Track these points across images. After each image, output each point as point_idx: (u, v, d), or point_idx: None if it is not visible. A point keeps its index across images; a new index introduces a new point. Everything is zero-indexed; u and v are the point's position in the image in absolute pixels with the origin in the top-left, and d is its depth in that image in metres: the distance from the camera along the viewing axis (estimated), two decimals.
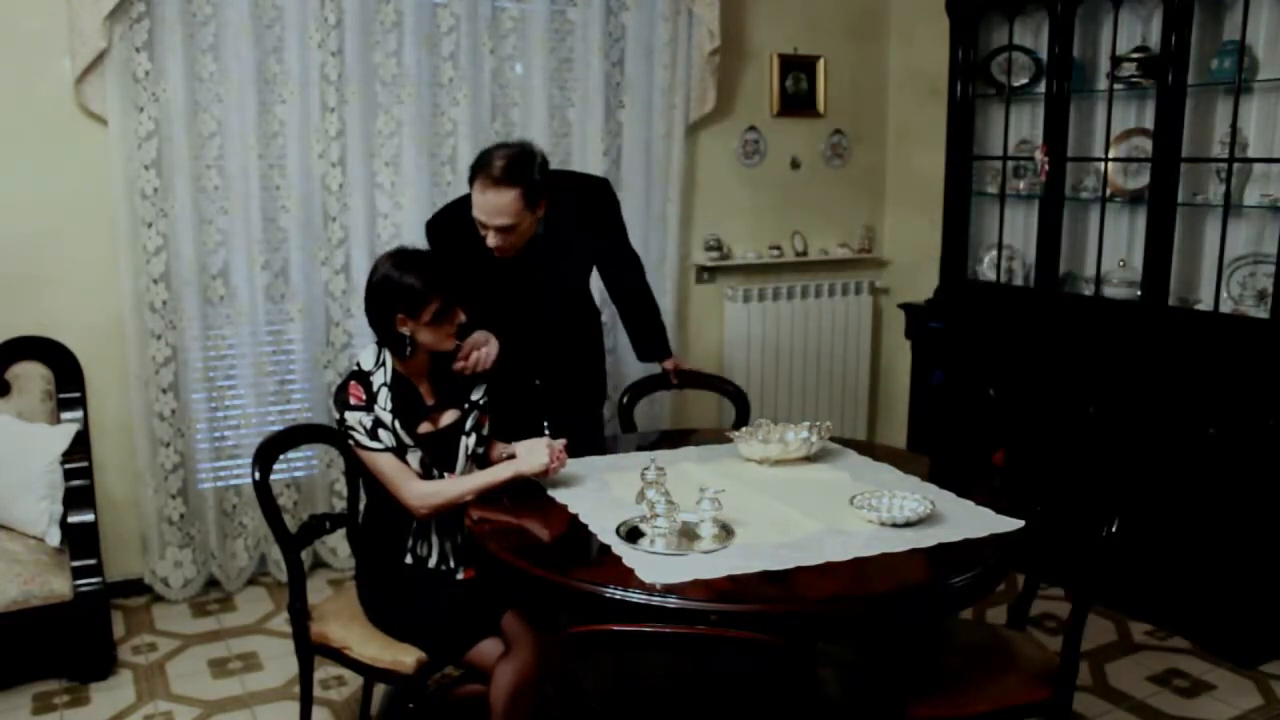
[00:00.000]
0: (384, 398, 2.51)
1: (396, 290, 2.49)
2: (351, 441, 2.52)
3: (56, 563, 3.23)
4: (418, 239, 3.91)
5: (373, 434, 2.49)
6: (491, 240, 2.84)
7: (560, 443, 2.61)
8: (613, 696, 2.61)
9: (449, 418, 2.63)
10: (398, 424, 2.51)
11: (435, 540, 2.60)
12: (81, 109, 3.53)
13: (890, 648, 2.48)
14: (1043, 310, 3.99)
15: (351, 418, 2.49)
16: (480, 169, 2.79)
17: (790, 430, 2.82)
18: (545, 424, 3.19)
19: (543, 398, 3.23)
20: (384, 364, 2.55)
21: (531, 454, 2.56)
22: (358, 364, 2.58)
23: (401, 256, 2.55)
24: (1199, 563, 3.49)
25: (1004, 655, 2.48)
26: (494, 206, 2.78)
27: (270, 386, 3.91)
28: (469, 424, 2.66)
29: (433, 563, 2.60)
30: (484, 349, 2.73)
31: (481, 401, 2.70)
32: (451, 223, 3.06)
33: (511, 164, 2.77)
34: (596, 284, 3.41)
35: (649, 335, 3.45)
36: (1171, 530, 3.55)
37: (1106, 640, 3.57)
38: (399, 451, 2.51)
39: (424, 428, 2.57)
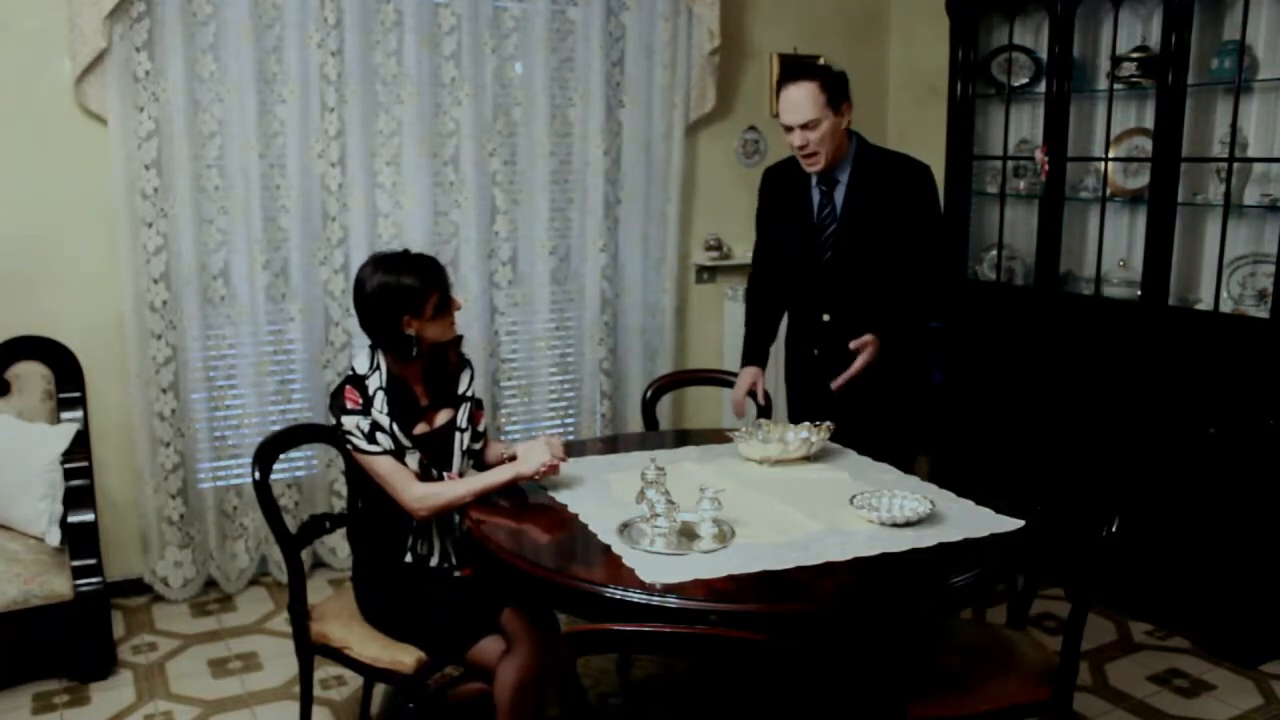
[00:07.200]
0: (380, 401, 2.51)
1: (397, 293, 2.49)
2: (350, 446, 2.51)
3: (56, 563, 3.23)
4: (419, 238, 3.93)
5: (370, 437, 2.48)
6: (797, 141, 2.95)
7: (559, 442, 2.60)
8: (613, 695, 2.62)
9: (443, 417, 2.63)
10: (395, 427, 2.50)
11: (435, 539, 2.59)
12: (81, 109, 3.53)
13: (890, 648, 2.47)
14: (1043, 310, 3.99)
15: (349, 422, 2.49)
16: (782, 80, 3.03)
17: (790, 430, 2.82)
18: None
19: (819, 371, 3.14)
20: (379, 367, 2.55)
21: (531, 456, 2.55)
22: (352, 368, 2.58)
23: (387, 262, 2.55)
24: (1199, 563, 3.49)
25: (1004, 655, 2.48)
26: (793, 101, 2.92)
27: (270, 386, 3.91)
28: (462, 419, 2.65)
29: (434, 561, 2.59)
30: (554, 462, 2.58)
31: (470, 394, 2.68)
32: (777, 172, 3.27)
33: (807, 65, 3.12)
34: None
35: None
36: (1171, 530, 3.55)
37: (1106, 640, 3.57)
38: (397, 454, 2.50)
39: (420, 428, 2.57)
